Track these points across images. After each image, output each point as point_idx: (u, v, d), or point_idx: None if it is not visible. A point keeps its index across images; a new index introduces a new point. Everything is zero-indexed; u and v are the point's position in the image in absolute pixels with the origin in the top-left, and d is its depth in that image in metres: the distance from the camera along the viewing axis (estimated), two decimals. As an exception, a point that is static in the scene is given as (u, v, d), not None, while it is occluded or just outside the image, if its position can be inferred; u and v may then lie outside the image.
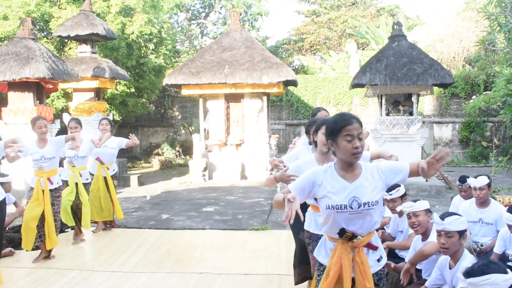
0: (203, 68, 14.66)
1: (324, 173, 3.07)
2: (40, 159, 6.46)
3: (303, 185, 3.07)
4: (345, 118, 2.98)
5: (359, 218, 3.01)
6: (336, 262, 3.04)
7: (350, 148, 2.92)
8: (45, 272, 6.12)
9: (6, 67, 10.73)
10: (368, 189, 3.00)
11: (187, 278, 5.74)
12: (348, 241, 3.04)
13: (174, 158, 19.70)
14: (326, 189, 3.02)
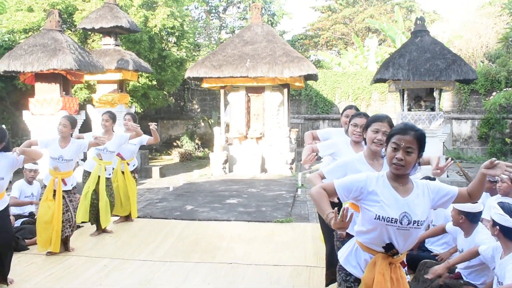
0: (224, 61, 14.74)
1: (376, 181, 2.96)
2: (58, 158, 6.30)
3: (351, 186, 2.96)
4: (401, 127, 2.93)
5: (404, 235, 2.91)
6: (380, 280, 2.90)
7: (392, 157, 2.88)
8: (77, 259, 6.24)
9: (34, 58, 10.89)
10: (419, 206, 2.90)
11: (217, 268, 5.84)
12: (389, 257, 2.96)
13: (193, 151, 19.82)
14: (379, 197, 2.91)
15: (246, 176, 13.87)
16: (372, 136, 3.69)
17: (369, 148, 3.76)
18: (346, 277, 3.12)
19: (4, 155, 5.11)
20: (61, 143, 6.33)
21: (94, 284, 5.32)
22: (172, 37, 18.02)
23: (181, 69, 17.93)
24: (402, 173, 2.91)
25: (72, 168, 6.50)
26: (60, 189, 6.34)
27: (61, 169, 6.34)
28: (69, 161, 6.35)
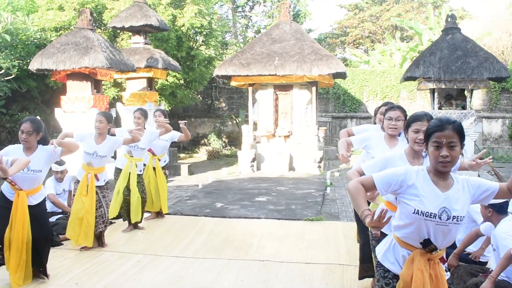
0: (253, 59, 14.74)
1: (416, 174, 2.91)
2: (93, 154, 6.37)
3: (390, 180, 2.92)
4: (437, 124, 2.86)
5: (444, 231, 2.85)
6: (418, 277, 2.85)
7: (436, 155, 2.81)
8: (111, 255, 6.30)
9: (66, 57, 11.05)
10: (459, 202, 2.85)
11: (250, 265, 5.83)
12: (427, 253, 2.91)
13: (221, 149, 19.89)
14: (418, 192, 2.86)
15: (274, 174, 13.85)
16: (414, 137, 3.64)
17: (411, 147, 3.71)
18: (385, 273, 3.09)
19: (42, 148, 5.20)
20: (96, 139, 6.42)
21: (129, 280, 5.36)
22: (200, 36, 18.07)
23: (209, 68, 17.99)
24: (449, 169, 2.86)
25: (105, 164, 6.57)
26: (93, 185, 6.40)
27: (94, 164, 6.41)
28: (103, 157, 6.43)
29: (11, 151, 5.13)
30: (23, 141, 5.09)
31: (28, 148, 5.15)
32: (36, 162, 5.10)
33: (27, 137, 5.06)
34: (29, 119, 5.18)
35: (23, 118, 5.28)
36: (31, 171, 5.06)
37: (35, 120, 5.19)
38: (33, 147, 5.16)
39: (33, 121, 5.14)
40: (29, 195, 5.10)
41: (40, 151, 5.18)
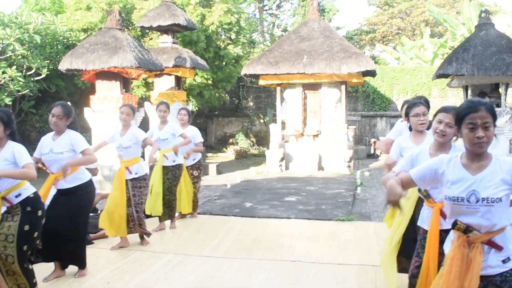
0: (281, 58, 14.63)
1: (448, 161, 2.91)
2: (118, 147, 6.52)
3: (424, 172, 2.96)
4: (469, 105, 2.80)
5: (476, 214, 2.77)
6: (451, 256, 2.86)
7: (472, 137, 2.75)
8: (141, 254, 6.27)
9: (96, 57, 11.09)
10: (491, 183, 2.74)
11: (281, 265, 5.73)
12: (464, 235, 2.84)
13: (248, 148, 19.83)
14: (447, 178, 2.87)
15: (303, 174, 13.73)
16: (435, 127, 3.66)
17: (435, 139, 3.73)
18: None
19: (69, 133, 5.25)
20: (121, 132, 6.54)
21: (159, 279, 5.31)
22: (229, 34, 18.03)
23: (236, 67, 17.94)
24: (485, 150, 2.81)
25: (136, 156, 6.56)
26: (124, 177, 6.44)
27: (123, 156, 6.51)
28: (127, 148, 6.48)
29: (43, 141, 5.30)
30: (53, 125, 5.16)
31: (58, 132, 5.24)
32: (59, 145, 5.16)
33: (57, 121, 5.14)
34: (60, 103, 5.27)
35: None
36: (54, 153, 5.15)
37: (66, 105, 5.26)
38: (62, 131, 5.24)
39: (64, 106, 5.23)
40: (58, 178, 5.13)
41: (67, 135, 5.22)
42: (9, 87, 12.96)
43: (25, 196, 4.44)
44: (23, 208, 4.41)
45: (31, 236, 4.43)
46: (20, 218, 4.37)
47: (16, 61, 13.29)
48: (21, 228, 4.35)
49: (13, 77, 12.76)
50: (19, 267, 4.33)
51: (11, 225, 4.34)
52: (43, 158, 5.21)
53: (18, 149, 4.39)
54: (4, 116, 4.43)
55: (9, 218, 4.38)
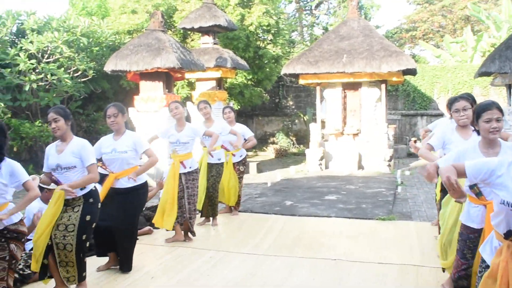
0: (321, 57, 14.65)
1: (508, 165, 2.86)
2: (175, 142, 6.69)
3: (481, 168, 2.91)
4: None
5: None
6: (503, 267, 2.81)
7: (488, 128, 3.61)
8: (184, 250, 6.45)
9: (139, 58, 11.39)
10: None
11: (321, 264, 5.80)
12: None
13: (288, 147, 19.89)
14: (506, 182, 2.82)
15: (343, 173, 13.73)
16: (487, 127, 3.66)
17: (485, 137, 3.71)
18: (482, 263, 3.12)
19: (129, 134, 5.51)
20: (177, 128, 6.72)
21: (202, 275, 5.46)
22: (268, 35, 18.15)
23: (276, 66, 18.04)
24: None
25: (190, 150, 6.76)
26: (178, 171, 6.63)
27: (179, 151, 6.67)
28: (185, 143, 6.68)
29: (101, 142, 5.56)
30: (112, 124, 5.43)
31: (117, 131, 5.48)
32: (123, 144, 5.40)
33: (114, 119, 5.39)
34: (112, 104, 5.54)
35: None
36: (118, 152, 5.38)
37: (117, 104, 5.55)
38: (121, 129, 5.49)
39: (116, 105, 5.51)
40: (118, 177, 5.35)
41: (128, 135, 5.48)
42: (57, 88, 13.42)
43: (89, 189, 4.71)
44: (85, 200, 4.67)
45: (90, 226, 4.70)
46: (82, 208, 4.62)
47: (64, 63, 13.75)
48: (82, 218, 4.59)
49: (61, 79, 13.21)
50: (75, 257, 4.54)
51: (71, 216, 4.59)
52: (104, 157, 5.46)
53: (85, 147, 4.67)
54: (60, 110, 4.71)
55: (68, 210, 4.62)
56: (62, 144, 4.74)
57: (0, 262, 3.91)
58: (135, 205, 5.53)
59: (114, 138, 5.50)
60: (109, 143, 5.50)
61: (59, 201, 4.55)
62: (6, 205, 3.99)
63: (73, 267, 4.61)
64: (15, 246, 4.00)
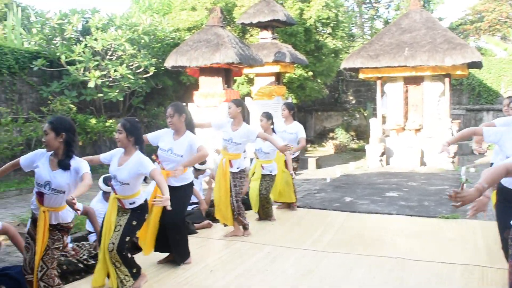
0: (381, 51, 14.35)
1: None
2: (228, 140, 6.64)
3: None
4: None
5: None
6: None
7: None
8: (242, 245, 6.46)
9: (199, 54, 11.50)
10: None
11: (382, 262, 5.66)
12: None
13: (348, 143, 19.64)
14: None
15: (404, 169, 13.41)
16: None
17: None
18: None
19: (188, 136, 5.53)
20: (233, 126, 6.67)
21: (260, 270, 5.45)
22: (327, 28, 17.94)
23: (336, 60, 17.81)
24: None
25: (241, 151, 6.71)
26: (227, 169, 6.64)
27: (229, 150, 6.65)
28: (237, 144, 6.62)
29: (162, 133, 5.65)
30: (169, 124, 5.52)
31: (177, 132, 5.55)
32: (180, 147, 5.45)
33: (171, 119, 5.47)
34: (171, 104, 5.63)
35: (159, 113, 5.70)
36: (174, 154, 5.44)
37: (176, 104, 5.63)
38: (180, 130, 5.54)
39: (174, 105, 5.60)
40: (169, 175, 5.38)
41: (186, 138, 5.51)
42: (120, 84, 13.77)
43: (138, 204, 4.82)
44: (133, 210, 4.80)
45: (134, 230, 4.85)
46: (130, 214, 4.77)
47: (127, 60, 14.07)
48: (129, 222, 4.73)
49: (124, 75, 13.54)
50: (117, 254, 4.64)
51: (121, 219, 4.75)
52: (160, 153, 5.52)
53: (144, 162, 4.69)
54: (127, 124, 4.77)
55: (119, 214, 4.79)
56: (124, 156, 4.83)
57: (56, 252, 4.11)
58: (183, 201, 5.59)
59: (173, 137, 5.55)
60: (168, 140, 5.56)
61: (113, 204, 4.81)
62: (65, 206, 4.11)
63: (121, 266, 4.69)
64: (66, 238, 4.23)
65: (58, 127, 4.03)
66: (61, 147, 4.07)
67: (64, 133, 4.05)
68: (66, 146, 4.07)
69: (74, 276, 5.16)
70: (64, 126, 4.09)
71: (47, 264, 4.03)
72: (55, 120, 4.13)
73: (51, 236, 4.06)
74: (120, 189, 4.73)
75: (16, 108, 13.15)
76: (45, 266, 4.03)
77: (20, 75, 13.42)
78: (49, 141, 4.04)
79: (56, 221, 4.06)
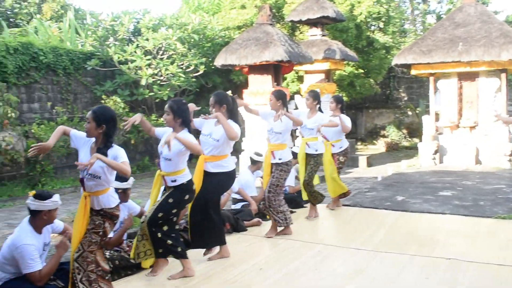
0: (434, 46, 13.99)
1: None
2: (270, 130, 6.63)
3: None
4: None
5: None
6: None
7: None
8: (292, 244, 6.42)
9: (248, 52, 11.55)
10: None
11: (435, 262, 5.51)
12: None
13: (399, 140, 19.27)
14: None
15: (458, 168, 13.04)
16: None
17: None
18: None
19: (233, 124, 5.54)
20: (274, 117, 6.55)
21: (310, 269, 5.40)
22: (378, 22, 17.64)
23: (387, 56, 17.49)
24: None
25: (284, 142, 6.64)
26: (269, 160, 6.67)
27: (271, 140, 6.65)
28: (277, 134, 6.58)
29: (206, 123, 5.64)
30: (211, 111, 5.59)
31: None
32: (218, 131, 5.46)
33: (212, 108, 5.56)
34: (214, 93, 5.73)
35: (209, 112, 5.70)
36: (212, 138, 5.50)
37: (217, 94, 5.71)
38: None
39: (215, 95, 5.68)
40: (206, 161, 5.47)
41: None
42: (171, 82, 13.99)
43: (179, 183, 4.96)
44: (175, 188, 4.97)
45: (170, 209, 4.94)
46: (169, 192, 4.97)
47: (177, 59, 14.28)
48: (166, 199, 4.93)
49: (175, 74, 13.75)
50: (147, 229, 4.84)
51: (162, 197, 4.99)
52: (201, 138, 5.58)
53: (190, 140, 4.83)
54: (174, 105, 4.92)
55: (163, 193, 5.06)
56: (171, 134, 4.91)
57: (95, 237, 4.18)
58: (214, 187, 5.56)
59: (215, 124, 5.56)
60: (210, 125, 5.61)
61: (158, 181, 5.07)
62: (108, 190, 4.22)
63: (147, 240, 4.90)
64: (108, 225, 4.26)
65: (99, 118, 4.13)
66: (100, 137, 4.18)
67: (105, 125, 4.15)
68: (105, 136, 4.17)
69: (126, 271, 5.27)
70: (105, 117, 4.18)
71: (84, 247, 4.13)
72: (98, 110, 4.22)
73: (92, 221, 4.19)
74: (164, 165, 4.94)
75: (72, 108, 13.58)
76: (81, 248, 4.14)
77: (75, 75, 13.85)
78: (89, 129, 4.17)
79: (98, 207, 4.15)
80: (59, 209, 4.69)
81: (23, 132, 12.01)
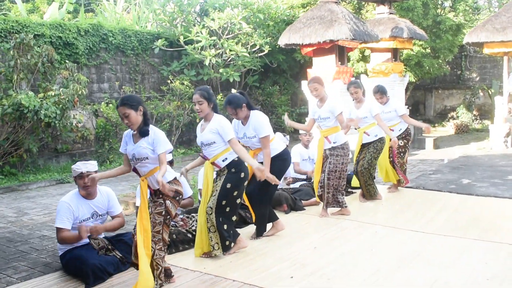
0: (509, 23, 13.28)
1: None
2: (318, 118, 6.64)
3: None
4: None
5: None
6: None
7: None
8: (350, 223, 6.40)
9: (312, 31, 11.40)
10: None
11: (497, 248, 5.31)
12: None
13: (470, 123, 18.55)
14: None
15: (532, 151, 12.46)
16: None
17: None
18: None
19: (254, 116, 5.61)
20: (319, 103, 6.65)
21: (366, 249, 5.36)
22: (448, 1, 16.95)
23: (457, 35, 16.75)
24: None
25: (333, 125, 6.56)
26: (322, 147, 6.70)
27: (321, 127, 6.65)
28: (325, 119, 6.55)
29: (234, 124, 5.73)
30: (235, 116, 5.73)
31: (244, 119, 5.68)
32: (249, 129, 5.62)
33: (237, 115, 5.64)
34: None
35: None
36: (248, 137, 5.64)
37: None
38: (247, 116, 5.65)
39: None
40: (256, 153, 5.70)
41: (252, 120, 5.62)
42: (237, 63, 14.08)
43: (231, 159, 5.06)
44: (228, 170, 5.06)
45: (231, 193, 5.04)
46: (225, 177, 5.04)
47: (242, 39, 14.34)
48: (224, 185, 5.01)
49: (240, 54, 13.82)
50: (215, 219, 4.96)
51: (218, 184, 5.05)
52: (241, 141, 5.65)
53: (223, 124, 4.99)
54: (205, 93, 5.02)
55: (217, 180, 5.11)
56: (205, 123, 5.13)
57: (158, 216, 4.27)
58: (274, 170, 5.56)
59: (242, 123, 5.69)
60: (240, 127, 5.72)
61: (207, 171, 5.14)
62: (157, 169, 4.29)
63: (215, 233, 5.02)
64: (170, 203, 4.32)
65: (134, 104, 4.21)
66: (140, 120, 4.29)
67: (141, 106, 4.27)
68: (144, 116, 4.29)
69: (183, 245, 5.44)
70: (137, 100, 4.29)
71: (151, 228, 4.26)
72: (128, 99, 4.28)
73: (153, 203, 4.32)
74: (208, 151, 5.05)
75: (139, 88, 13.95)
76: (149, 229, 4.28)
77: (143, 56, 14.21)
78: (131, 119, 4.24)
79: (157, 184, 4.22)
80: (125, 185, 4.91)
81: (93, 111, 12.50)
